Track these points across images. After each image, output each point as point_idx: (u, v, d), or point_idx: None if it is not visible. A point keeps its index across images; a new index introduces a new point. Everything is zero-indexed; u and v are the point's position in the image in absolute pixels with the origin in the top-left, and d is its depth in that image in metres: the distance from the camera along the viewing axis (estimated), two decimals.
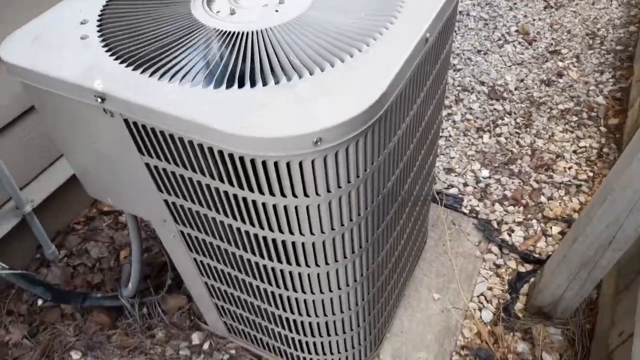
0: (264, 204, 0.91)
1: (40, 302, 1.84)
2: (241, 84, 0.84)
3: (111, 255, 1.97)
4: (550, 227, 1.95)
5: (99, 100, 0.88)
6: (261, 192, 0.88)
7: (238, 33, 0.94)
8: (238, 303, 1.38)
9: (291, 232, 0.96)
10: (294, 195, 0.86)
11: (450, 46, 1.16)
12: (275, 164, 0.81)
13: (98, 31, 0.98)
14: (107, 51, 0.93)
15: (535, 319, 1.67)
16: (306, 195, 0.86)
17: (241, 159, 0.82)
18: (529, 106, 2.51)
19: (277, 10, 0.98)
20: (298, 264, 1.05)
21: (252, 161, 0.81)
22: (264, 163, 0.81)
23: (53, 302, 1.76)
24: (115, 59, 0.91)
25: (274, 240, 1.00)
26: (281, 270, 1.09)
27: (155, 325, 1.76)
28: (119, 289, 1.76)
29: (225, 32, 0.94)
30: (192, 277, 1.38)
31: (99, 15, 1.02)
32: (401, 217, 1.24)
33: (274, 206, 0.90)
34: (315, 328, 1.28)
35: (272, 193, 0.87)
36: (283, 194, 0.87)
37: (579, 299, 1.49)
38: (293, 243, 0.99)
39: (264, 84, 0.83)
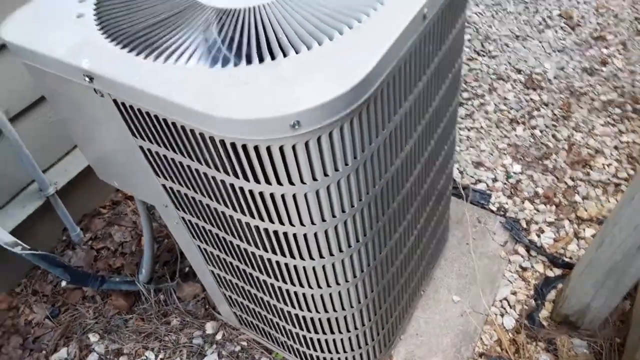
0: (251, 192, 0.87)
1: (64, 283, 1.88)
2: (225, 63, 0.80)
3: (133, 240, 2.00)
4: (584, 229, 1.81)
5: (88, 79, 0.87)
6: (246, 178, 0.84)
7: (227, 10, 0.90)
8: (244, 294, 1.35)
9: (281, 222, 0.91)
10: (279, 182, 0.82)
11: (462, 25, 1.08)
12: (256, 148, 0.76)
13: (95, 9, 0.96)
14: (100, 29, 0.91)
15: (561, 328, 1.55)
16: (291, 183, 0.81)
17: (222, 142, 0.78)
18: (569, 97, 2.35)
19: None
20: (292, 256, 1.00)
21: (233, 145, 0.77)
22: (244, 147, 0.77)
23: (72, 283, 1.80)
24: (107, 37, 0.89)
25: (266, 230, 0.96)
26: (277, 262, 1.05)
27: (170, 312, 1.77)
28: (137, 274, 1.77)
29: (215, 9, 0.91)
30: (199, 265, 1.36)
31: None
32: (408, 212, 1.17)
33: (261, 194, 0.86)
34: (317, 324, 1.23)
35: (256, 180, 0.83)
36: (268, 182, 0.82)
37: (607, 308, 1.37)
38: (285, 234, 0.94)
39: (248, 62, 0.79)
